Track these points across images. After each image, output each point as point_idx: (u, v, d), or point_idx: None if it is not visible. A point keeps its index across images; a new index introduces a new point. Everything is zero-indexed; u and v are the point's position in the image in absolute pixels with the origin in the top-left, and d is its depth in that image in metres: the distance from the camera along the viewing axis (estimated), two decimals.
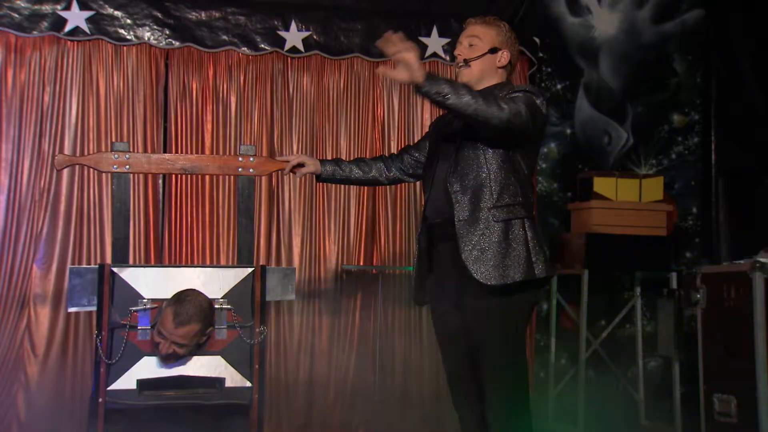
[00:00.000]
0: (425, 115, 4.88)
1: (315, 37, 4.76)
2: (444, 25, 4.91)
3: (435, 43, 4.90)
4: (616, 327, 5.05)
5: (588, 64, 5.21)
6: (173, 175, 4.49)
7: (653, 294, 5.00)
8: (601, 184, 4.89)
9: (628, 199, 4.89)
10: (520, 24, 4.95)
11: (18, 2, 4.39)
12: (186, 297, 3.12)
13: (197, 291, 3.18)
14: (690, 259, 5.23)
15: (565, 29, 5.18)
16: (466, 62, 3.04)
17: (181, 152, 4.49)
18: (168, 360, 3.15)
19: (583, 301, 4.80)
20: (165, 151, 4.44)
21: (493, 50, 3.03)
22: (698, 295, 4.10)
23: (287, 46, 4.72)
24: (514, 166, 2.93)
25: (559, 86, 5.18)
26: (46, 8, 4.42)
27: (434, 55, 4.91)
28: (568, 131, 5.20)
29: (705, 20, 5.32)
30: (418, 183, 4.32)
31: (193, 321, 3.10)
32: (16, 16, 4.39)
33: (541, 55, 5.07)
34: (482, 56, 3.02)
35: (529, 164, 3.01)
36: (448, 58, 4.92)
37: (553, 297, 5.02)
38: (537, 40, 5.01)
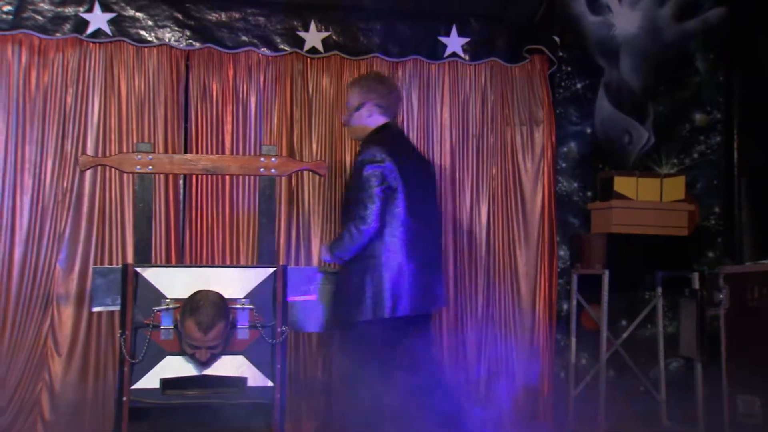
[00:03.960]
0: (444, 115, 4.88)
1: (334, 37, 4.77)
2: (463, 24, 4.90)
3: (454, 42, 4.90)
4: (638, 327, 5.02)
5: (608, 63, 5.19)
6: (194, 176, 4.51)
7: (675, 294, 4.98)
8: (622, 184, 4.86)
9: (649, 199, 4.86)
10: (540, 23, 4.95)
11: (41, 5, 4.44)
12: (199, 303, 3.13)
13: (204, 291, 3.20)
14: (712, 259, 5.19)
15: (586, 28, 5.16)
16: (347, 123, 3.84)
17: (202, 153, 4.52)
18: (209, 362, 3.18)
19: (603, 301, 4.77)
20: (186, 152, 4.47)
21: (359, 107, 3.74)
22: (721, 296, 4.08)
23: (307, 47, 4.73)
24: None
25: (579, 85, 5.16)
26: (69, 10, 4.46)
27: (453, 54, 4.90)
28: (588, 130, 5.18)
29: (728, 18, 5.27)
30: (438, 182, 4.50)
31: (216, 321, 3.12)
32: (40, 18, 4.43)
33: (561, 54, 5.05)
34: (352, 115, 3.77)
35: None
36: (467, 57, 4.91)
37: (573, 297, 5.00)
38: (557, 39, 4.99)
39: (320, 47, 4.75)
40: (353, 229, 3.52)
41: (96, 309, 3.33)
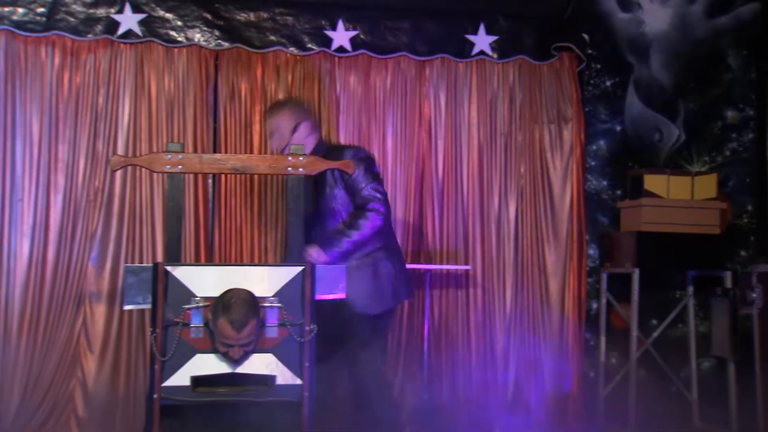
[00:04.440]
0: (472, 114, 4.87)
1: (362, 36, 4.78)
2: (491, 22, 4.89)
3: (482, 40, 4.89)
4: (668, 326, 4.98)
5: (638, 60, 5.14)
6: (223, 175, 4.54)
7: (706, 293, 4.93)
8: (652, 182, 4.82)
9: (680, 197, 4.82)
10: (569, 20, 4.92)
11: (74, 6, 4.50)
12: (231, 301, 3.14)
13: (235, 289, 3.21)
14: (745, 257, 5.13)
15: (615, 25, 5.12)
16: (283, 148, 3.68)
17: (230, 152, 4.55)
18: (241, 360, 3.20)
19: (633, 300, 4.74)
20: (214, 151, 4.50)
21: (295, 129, 3.72)
22: (754, 294, 4.03)
23: (334, 46, 4.75)
24: None
25: (608, 83, 5.12)
26: (101, 12, 4.52)
27: (481, 53, 4.89)
28: (618, 128, 5.14)
29: (761, 14, 5.20)
30: (466, 182, 4.30)
31: (249, 319, 3.13)
32: (72, 20, 4.49)
33: (590, 51, 5.02)
34: (290, 139, 3.68)
35: None
36: (495, 55, 4.89)
37: (602, 296, 4.96)
38: (586, 36, 4.96)
39: (348, 46, 4.76)
40: (374, 215, 3.61)
41: (127, 307, 3.34)
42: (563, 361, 4.82)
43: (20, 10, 4.45)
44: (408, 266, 4.60)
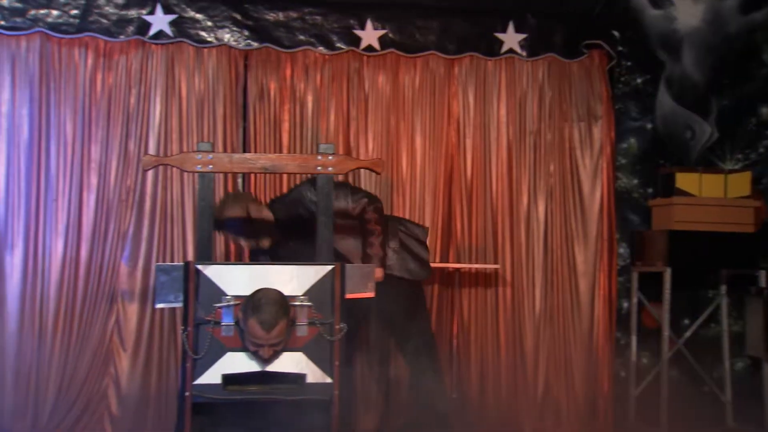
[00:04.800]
0: (501, 112, 4.85)
1: (391, 35, 4.78)
2: (520, 20, 4.88)
3: (511, 39, 4.87)
4: (701, 326, 4.92)
5: (670, 57, 5.08)
6: (252, 174, 4.57)
7: (740, 292, 4.87)
8: (684, 180, 4.78)
9: (712, 195, 4.77)
10: (599, 18, 4.88)
11: (106, 8, 4.55)
12: (261, 302, 3.16)
13: (265, 290, 3.22)
14: None
15: (646, 22, 5.06)
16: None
17: (259, 151, 4.57)
18: (272, 359, 3.22)
19: (665, 299, 4.70)
20: (244, 151, 4.52)
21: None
22: None
23: (363, 45, 4.75)
24: None
25: (639, 80, 5.07)
26: (132, 13, 4.57)
27: (510, 51, 4.87)
28: (649, 126, 5.09)
29: None
30: (495, 180, 4.32)
31: (279, 319, 3.15)
32: (105, 21, 4.55)
33: (620, 49, 4.97)
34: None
35: None
36: (524, 53, 4.87)
37: (633, 295, 4.92)
38: (616, 33, 4.92)
39: (377, 45, 4.76)
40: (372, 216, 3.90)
41: (159, 306, 3.38)
42: (593, 361, 4.79)
43: (54, 12, 4.51)
44: (437, 265, 4.62)
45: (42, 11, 4.50)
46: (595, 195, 4.88)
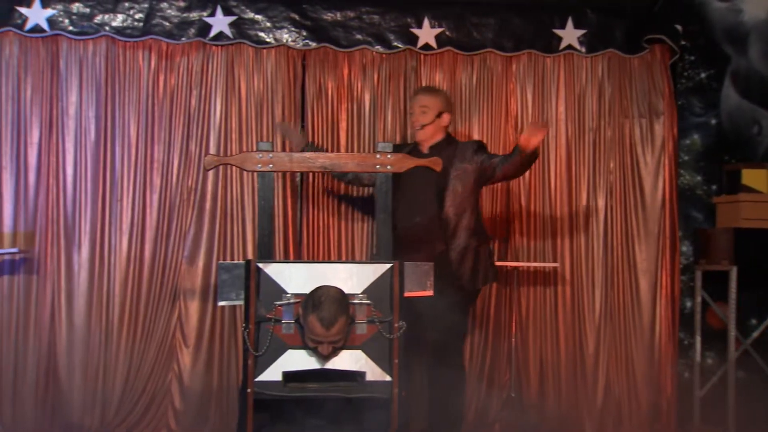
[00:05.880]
0: (560, 109, 4.80)
1: (448, 33, 4.76)
2: (579, 16, 4.81)
3: (570, 35, 4.81)
4: None
5: (736, 51, 4.96)
6: (311, 173, 4.60)
7: None
8: (751, 176, 4.67)
9: None
10: (661, 11, 4.78)
11: (168, 11, 4.64)
12: (321, 299, 3.18)
13: (325, 287, 3.24)
14: None
15: (711, 15, 4.95)
16: (422, 126, 4.12)
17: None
18: (331, 356, 3.24)
19: (731, 299, 4.60)
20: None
21: (439, 114, 4.12)
22: None
23: (420, 43, 4.75)
24: None
25: (703, 75, 4.96)
26: (194, 15, 4.64)
27: (569, 47, 4.81)
28: (713, 122, 4.98)
29: None
30: (553, 178, 4.15)
31: (338, 317, 3.17)
32: (167, 24, 4.63)
33: (683, 43, 4.87)
34: (433, 121, 4.11)
35: None
36: (583, 49, 4.80)
37: (697, 294, 4.82)
38: (679, 27, 4.82)
39: (433, 43, 4.75)
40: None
41: (222, 303, 3.42)
42: (656, 361, 4.70)
43: (119, 17, 4.61)
44: (495, 263, 4.58)
45: (108, 16, 4.61)
46: (657, 192, 4.80)
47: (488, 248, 4.20)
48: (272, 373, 3.27)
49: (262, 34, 4.70)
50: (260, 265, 3.32)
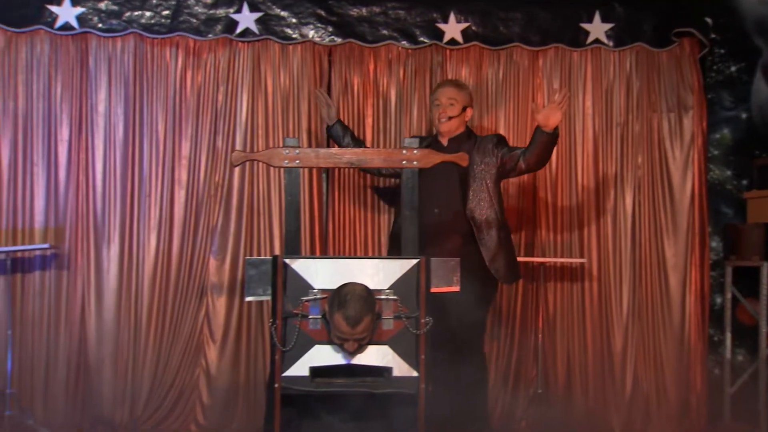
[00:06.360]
0: (587, 104, 4.77)
1: (474, 28, 4.75)
2: (607, 9, 4.77)
3: (597, 29, 4.77)
4: None
5: (767, 43, 4.88)
6: (336, 169, 4.61)
7: None
8: None
9: None
10: (690, 4, 4.73)
11: (196, 8, 4.67)
12: (346, 297, 3.18)
13: (351, 285, 3.24)
14: None
15: (742, 7, 4.87)
16: (449, 118, 4.13)
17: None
18: (356, 353, 3.25)
19: (762, 295, 4.55)
20: (328, 146, 4.57)
21: (464, 108, 4.16)
22: None
23: (446, 38, 4.74)
24: None
25: (733, 68, 4.90)
26: (220, 12, 4.67)
27: (596, 41, 4.77)
28: (743, 116, 4.92)
29: None
30: (580, 173, 4.07)
31: (364, 315, 3.17)
32: (194, 21, 4.66)
33: (713, 36, 4.81)
34: (459, 114, 4.14)
35: None
36: (611, 43, 4.76)
37: (727, 290, 4.77)
38: (709, 20, 4.76)
39: (459, 38, 4.74)
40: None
41: (249, 299, 3.44)
42: (685, 357, 4.66)
43: (147, 14, 4.65)
44: (522, 259, 4.57)
45: (136, 13, 4.65)
46: (686, 187, 4.75)
47: (512, 243, 4.20)
48: (299, 369, 3.28)
49: (288, 30, 4.71)
50: (287, 260, 3.33)
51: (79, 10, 4.60)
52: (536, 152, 3.96)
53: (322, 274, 3.32)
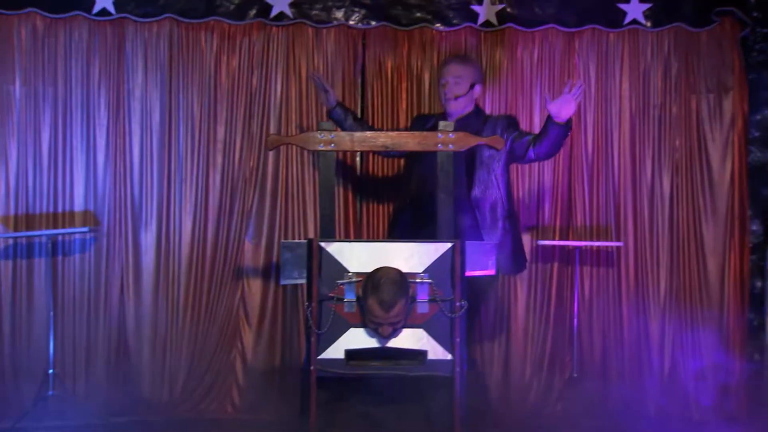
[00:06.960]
0: (624, 85, 4.71)
1: (509, 9, 4.70)
2: None
3: (635, 9, 4.69)
4: None
5: None
6: (370, 153, 4.61)
7: None
8: None
9: None
10: None
11: None
12: (380, 281, 3.19)
13: (384, 269, 3.25)
14: None
15: None
16: (456, 97, 3.99)
17: (377, 129, 4.59)
18: (391, 336, 3.27)
19: None
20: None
21: (472, 86, 4.04)
22: None
23: (481, 20, 4.69)
24: None
25: None
26: None
27: (633, 21, 4.70)
28: None
29: None
30: (617, 155, 4.03)
31: (398, 299, 3.19)
32: (229, 5, 4.66)
33: (755, 14, 4.70)
34: (467, 93, 4.00)
35: None
36: (648, 24, 4.68)
37: (767, 274, 4.69)
38: None
39: (494, 20, 4.69)
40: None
41: (284, 282, 3.47)
42: (723, 342, 4.60)
43: None
44: (557, 242, 4.54)
45: None
46: (725, 170, 4.68)
47: (520, 232, 4.11)
48: (334, 351, 3.31)
49: (322, 14, 4.70)
50: (322, 244, 3.35)
51: None
52: (547, 144, 3.80)
53: (356, 257, 3.34)
